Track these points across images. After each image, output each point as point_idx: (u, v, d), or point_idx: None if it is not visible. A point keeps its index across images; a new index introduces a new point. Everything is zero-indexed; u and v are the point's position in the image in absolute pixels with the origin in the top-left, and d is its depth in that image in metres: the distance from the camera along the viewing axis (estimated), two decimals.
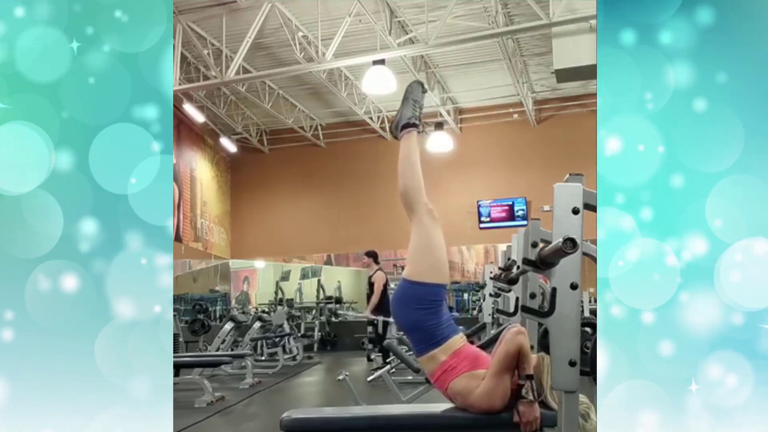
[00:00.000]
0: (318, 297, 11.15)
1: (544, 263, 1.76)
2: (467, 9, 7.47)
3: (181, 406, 4.88)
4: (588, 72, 6.62)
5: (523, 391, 2.18)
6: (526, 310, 1.86)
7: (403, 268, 2.66)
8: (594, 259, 1.86)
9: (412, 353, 3.59)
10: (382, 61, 7.69)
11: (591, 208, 1.68)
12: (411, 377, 5.42)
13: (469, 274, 12.90)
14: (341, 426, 2.33)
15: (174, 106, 8.52)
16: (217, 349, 7.46)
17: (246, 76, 8.60)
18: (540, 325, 2.79)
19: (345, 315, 11.33)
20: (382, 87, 8.16)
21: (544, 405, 2.21)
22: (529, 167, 10.48)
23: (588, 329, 3.79)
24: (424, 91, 2.62)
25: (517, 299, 3.07)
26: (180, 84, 8.28)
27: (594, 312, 6.42)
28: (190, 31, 7.80)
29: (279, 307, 10.59)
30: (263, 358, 8.18)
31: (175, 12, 7.43)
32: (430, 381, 2.49)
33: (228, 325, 7.69)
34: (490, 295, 5.14)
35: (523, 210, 10.64)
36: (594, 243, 1.75)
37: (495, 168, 10.98)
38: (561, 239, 1.55)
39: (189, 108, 9.69)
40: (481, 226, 10.92)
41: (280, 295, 11.33)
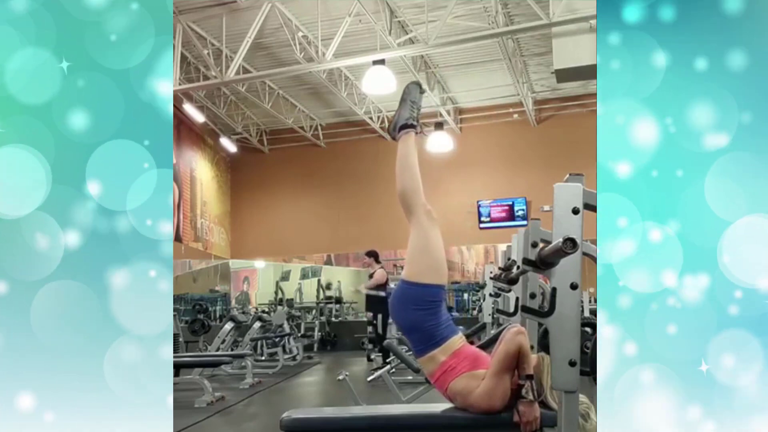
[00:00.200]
0: (318, 297, 11.15)
1: (544, 263, 1.76)
2: (467, 9, 7.48)
3: (181, 406, 4.88)
4: (588, 72, 6.61)
5: (523, 391, 2.18)
6: (526, 310, 1.86)
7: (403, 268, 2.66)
8: (594, 259, 1.86)
9: (411, 353, 3.59)
10: (382, 61, 7.69)
11: (591, 208, 1.68)
12: (411, 377, 5.41)
13: (469, 274, 12.89)
14: (341, 426, 2.33)
15: (174, 106, 8.51)
16: (217, 349, 7.46)
17: (246, 76, 8.60)
18: (540, 325, 2.79)
19: (344, 310, 11.33)
20: (382, 87, 8.16)
21: (544, 405, 2.21)
22: (529, 167, 10.48)
23: (588, 329, 3.80)
24: (421, 92, 2.61)
25: (517, 299, 3.07)
26: (180, 84, 8.28)
27: (594, 312, 6.42)
28: (190, 31, 7.80)
29: (279, 307, 10.58)
30: (263, 358, 8.17)
31: (175, 12, 7.44)
32: (429, 381, 2.49)
33: (228, 325, 7.69)
34: (490, 295, 5.14)
35: (523, 210, 10.64)
36: (594, 243, 1.75)
37: (495, 168, 10.98)
38: (561, 239, 1.55)
39: (189, 108, 9.69)
40: (481, 226, 10.93)
41: (280, 295, 11.33)
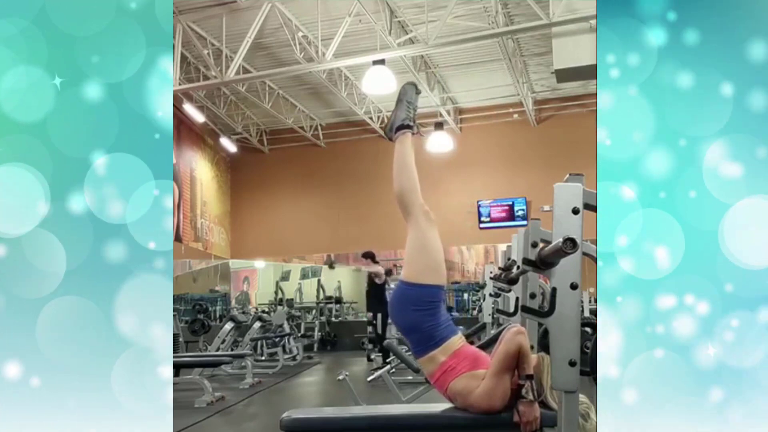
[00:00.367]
0: (318, 297, 11.15)
1: (544, 263, 1.76)
2: (467, 9, 7.47)
3: (181, 406, 4.88)
4: (588, 72, 6.61)
5: (523, 391, 2.18)
6: (526, 310, 1.86)
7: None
8: (594, 259, 1.86)
9: (411, 353, 3.58)
10: (382, 61, 7.68)
11: (591, 208, 1.68)
12: (411, 377, 5.42)
13: (469, 274, 12.90)
14: (341, 426, 2.33)
15: (174, 106, 8.51)
16: (217, 349, 7.46)
17: (246, 76, 8.59)
18: (540, 325, 2.79)
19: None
20: (382, 87, 8.15)
21: (544, 405, 2.21)
22: (529, 167, 10.48)
23: (588, 329, 3.80)
24: (417, 93, 2.61)
25: (517, 299, 3.07)
26: (180, 84, 8.28)
27: (594, 312, 6.42)
28: (190, 31, 7.80)
29: (279, 307, 10.58)
30: (263, 358, 8.18)
31: (175, 12, 7.43)
32: (429, 381, 2.49)
33: (228, 325, 7.69)
34: (490, 295, 5.14)
35: (523, 210, 10.63)
36: (594, 243, 1.75)
37: (495, 168, 10.98)
38: (561, 239, 1.55)
39: (189, 108, 9.69)
40: (481, 226, 10.92)
41: (280, 295, 11.33)
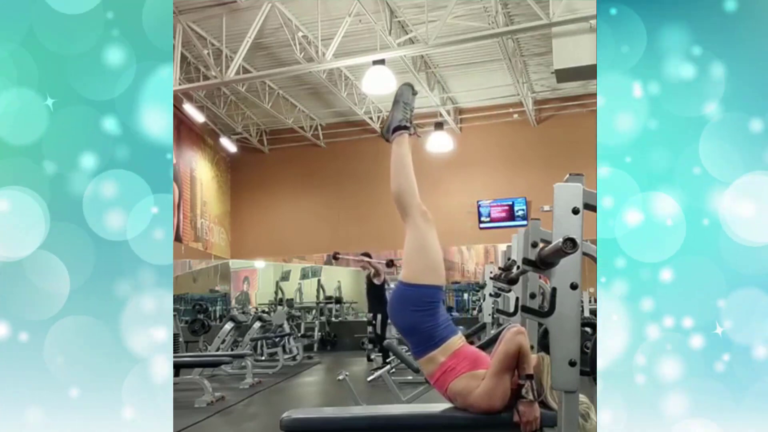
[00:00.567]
0: (318, 297, 11.15)
1: (544, 263, 1.76)
2: (467, 9, 7.47)
3: (181, 406, 4.88)
4: (588, 72, 6.61)
5: (523, 391, 2.18)
6: (526, 310, 1.86)
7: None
8: (594, 259, 1.86)
9: (411, 353, 3.58)
10: (382, 61, 7.69)
11: (591, 208, 1.68)
12: (411, 377, 5.41)
13: (469, 274, 12.89)
14: (341, 426, 2.33)
15: (174, 106, 8.52)
16: (217, 349, 7.46)
17: (246, 76, 8.60)
18: (540, 325, 2.79)
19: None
20: (382, 87, 8.15)
21: (544, 405, 2.21)
22: (529, 167, 10.48)
23: (588, 329, 3.79)
24: (414, 94, 2.61)
25: (517, 299, 3.07)
26: (180, 84, 8.28)
27: (594, 312, 6.42)
28: (190, 31, 7.80)
29: (279, 307, 10.59)
30: (263, 358, 8.18)
31: (175, 12, 7.44)
32: (429, 382, 2.49)
33: (228, 325, 7.69)
34: (490, 295, 5.14)
35: (523, 210, 10.64)
36: (594, 243, 1.75)
37: (495, 168, 10.98)
38: (561, 239, 1.55)
39: (189, 108, 9.69)
40: (481, 226, 10.93)
41: (280, 295, 11.33)
